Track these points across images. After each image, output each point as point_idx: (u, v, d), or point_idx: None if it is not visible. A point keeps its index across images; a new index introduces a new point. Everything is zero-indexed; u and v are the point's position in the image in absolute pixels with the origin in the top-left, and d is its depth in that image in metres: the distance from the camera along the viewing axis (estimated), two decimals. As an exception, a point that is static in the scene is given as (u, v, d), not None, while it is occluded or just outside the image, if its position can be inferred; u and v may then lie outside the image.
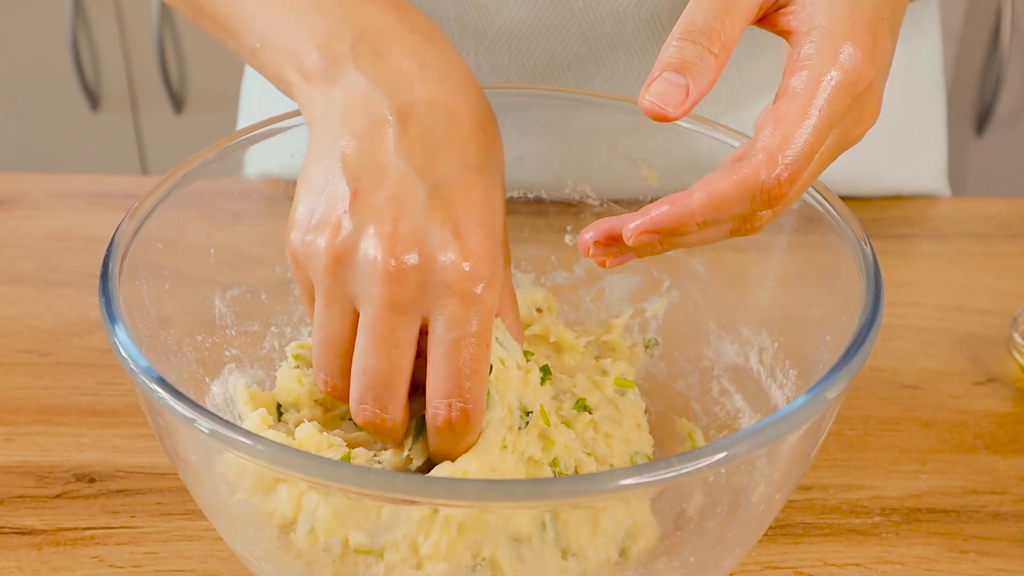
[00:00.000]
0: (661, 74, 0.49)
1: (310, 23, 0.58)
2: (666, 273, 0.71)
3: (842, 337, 0.53)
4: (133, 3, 1.91)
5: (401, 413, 0.55)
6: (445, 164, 0.54)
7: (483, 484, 0.47)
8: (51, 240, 0.89)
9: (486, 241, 0.53)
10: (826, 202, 0.60)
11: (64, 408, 0.73)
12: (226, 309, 0.66)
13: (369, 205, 0.53)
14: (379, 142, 0.54)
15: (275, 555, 0.54)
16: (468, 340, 0.53)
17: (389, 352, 0.53)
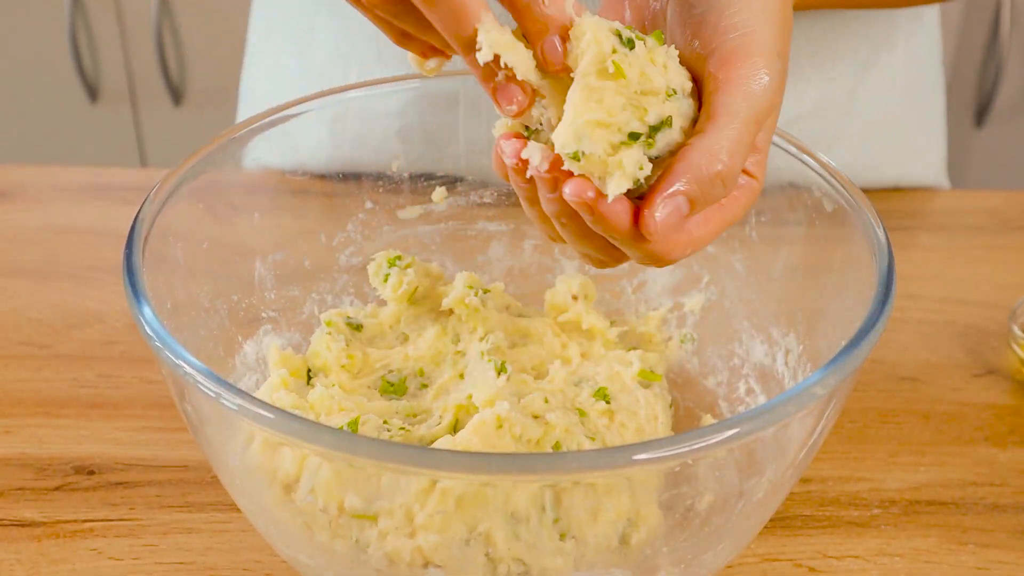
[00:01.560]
0: (675, 198, 0.48)
1: None
2: (706, 269, 0.72)
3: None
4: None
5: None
6: None
7: (475, 456, 0.48)
8: (50, 233, 0.89)
9: None
10: (852, 197, 0.60)
11: (63, 400, 0.73)
12: (266, 272, 0.68)
13: None
14: None
15: (276, 512, 0.55)
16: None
17: None
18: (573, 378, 0.66)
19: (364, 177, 0.74)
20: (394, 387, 0.66)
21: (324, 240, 0.73)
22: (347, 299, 0.73)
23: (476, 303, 0.67)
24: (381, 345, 0.69)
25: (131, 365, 0.76)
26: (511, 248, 0.76)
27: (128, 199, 0.92)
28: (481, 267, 0.76)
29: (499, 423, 0.58)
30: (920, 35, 0.97)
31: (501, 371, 0.63)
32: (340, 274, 0.73)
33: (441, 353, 0.67)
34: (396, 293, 0.69)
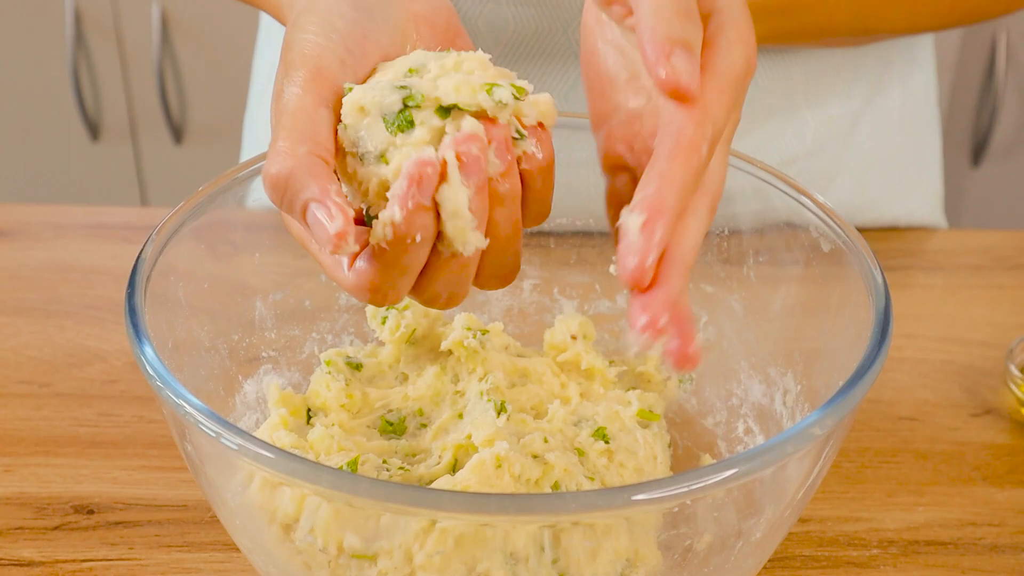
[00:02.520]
0: (674, 49, 0.47)
1: None
2: (705, 309, 0.72)
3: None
4: (134, 34, 1.93)
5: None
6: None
7: (474, 496, 0.48)
8: (52, 272, 0.89)
9: None
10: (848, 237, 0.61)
11: (63, 439, 0.74)
12: (267, 311, 0.69)
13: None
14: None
15: (275, 551, 0.55)
16: None
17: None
18: (572, 418, 0.66)
19: None
20: (393, 427, 0.67)
21: (325, 279, 0.73)
22: (347, 338, 0.74)
23: (475, 345, 0.67)
24: (381, 384, 0.69)
25: (131, 404, 0.76)
26: (510, 288, 0.76)
27: (130, 238, 0.93)
28: (480, 307, 0.76)
29: (498, 463, 0.58)
30: (916, 75, 0.97)
31: (501, 411, 0.63)
32: (340, 313, 0.73)
33: (440, 393, 0.68)
34: (394, 336, 0.69)
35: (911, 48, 0.96)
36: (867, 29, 0.84)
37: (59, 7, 1.89)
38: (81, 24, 1.91)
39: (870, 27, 0.84)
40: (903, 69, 0.95)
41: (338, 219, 0.46)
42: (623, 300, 0.74)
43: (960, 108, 1.99)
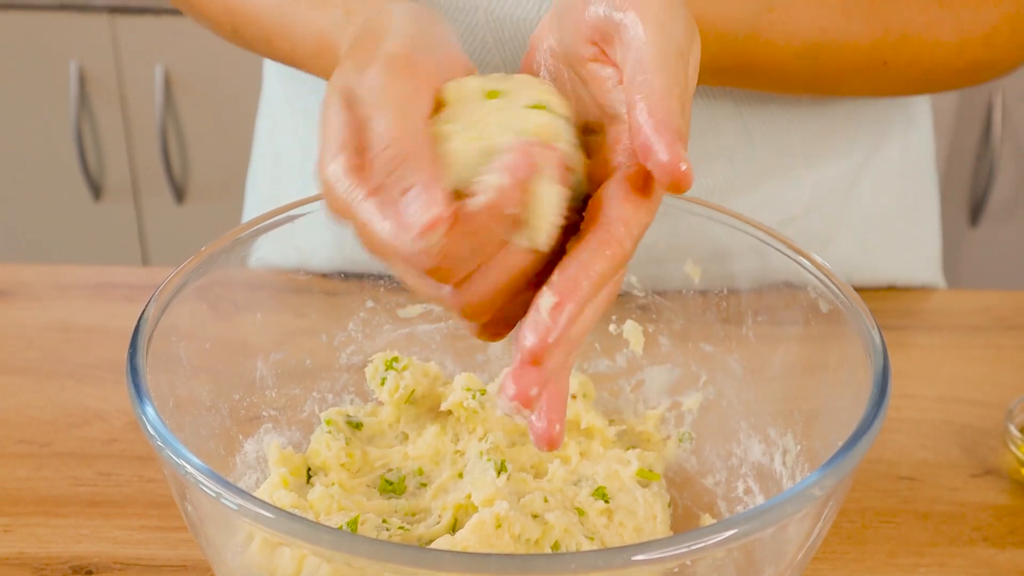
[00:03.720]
0: (678, 140, 0.49)
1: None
2: (704, 368, 0.72)
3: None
4: (137, 94, 1.94)
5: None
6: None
7: (474, 556, 0.48)
8: (53, 331, 0.90)
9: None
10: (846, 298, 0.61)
11: (63, 499, 0.73)
12: (268, 370, 0.69)
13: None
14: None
15: None
16: None
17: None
18: (572, 477, 0.66)
19: (365, 276, 0.75)
20: (393, 486, 0.67)
21: (325, 339, 0.73)
22: (348, 397, 0.74)
23: (474, 406, 0.67)
24: (381, 444, 0.69)
25: (131, 463, 0.76)
26: (510, 347, 0.76)
27: (131, 297, 0.93)
28: (481, 366, 0.76)
29: (498, 523, 0.58)
30: (913, 135, 0.98)
31: (501, 470, 0.63)
32: (341, 373, 0.74)
33: (440, 452, 0.68)
34: (393, 397, 0.69)
35: (908, 109, 0.96)
36: (826, 92, 0.86)
37: (64, 68, 1.91)
38: (85, 84, 1.93)
39: (829, 92, 0.85)
40: (900, 129, 0.96)
41: (436, 207, 0.46)
42: (623, 359, 0.75)
43: (958, 168, 2.00)
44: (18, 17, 1.89)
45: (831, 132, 0.91)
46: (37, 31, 1.90)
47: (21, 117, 1.98)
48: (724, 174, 0.87)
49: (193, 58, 1.92)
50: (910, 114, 0.97)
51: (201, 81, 1.94)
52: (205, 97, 1.95)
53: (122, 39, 1.90)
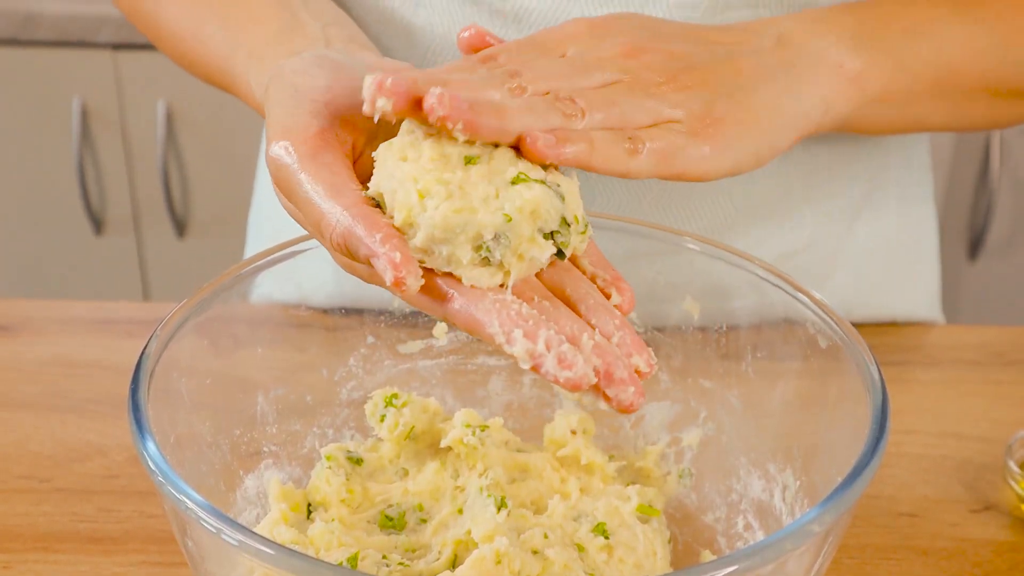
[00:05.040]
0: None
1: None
2: (704, 404, 0.72)
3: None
4: (139, 129, 1.95)
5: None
6: None
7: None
8: (54, 366, 0.90)
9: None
10: (845, 334, 0.62)
11: (62, 535, 0.73)
12: (268, 406, 0.69)
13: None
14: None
15: None
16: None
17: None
18: (572, 513, 0.66)
19: (366, 312, 0.75)
20: (393, 522, 0.67)
21: (326, 374, 0.74)
22: (348, 433, 0.74)
23: (474, 442, 0.67)
24: (381, 479, 0.69)
25: (131, 499, 0.76)
26: (510, 383, 0.77)
27: (133, 333, 0.93)
28: (481, 401, 0.76)
29: (498, 559, 0.58)
30: (912, 171, 0.99)
31: (501, 506, 0.63)
32: (341, 408, 0.74)
33: (440, 488, 0.68)
34: (392, 434, 0.69)
35: (906, 145, 0.97)
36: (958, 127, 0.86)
37: (67, 103, 1.92)
38: (87, 119, 1.94)
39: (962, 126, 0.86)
40: (899, 165, 0.97)
41: (388, 273, 0.50)
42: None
43: (956, 204, 2.01)
44: (22, 53, 1.90)
45: (830, 169, 0.91)
46: (41, 66, 1.91)
47: (24, 151, 1.99)
48: (724, 211, 0.88)
49: (195, 94, 1.93)
50: (908, 150, 0.98)
51: (203, 116, 1.95)
52: (206, 132, 1.96)
53: (125, 75, 1.91)
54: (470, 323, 0.52)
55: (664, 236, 0.70)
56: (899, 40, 0.73)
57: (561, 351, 0.50)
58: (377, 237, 0.51)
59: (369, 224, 0.52)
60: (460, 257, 0.52)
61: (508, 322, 0.51)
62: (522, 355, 0.50)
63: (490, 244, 0.52)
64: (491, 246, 0.52)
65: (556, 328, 0.51)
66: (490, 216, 0.51)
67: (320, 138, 0.56)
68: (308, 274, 0.70)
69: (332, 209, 0.53)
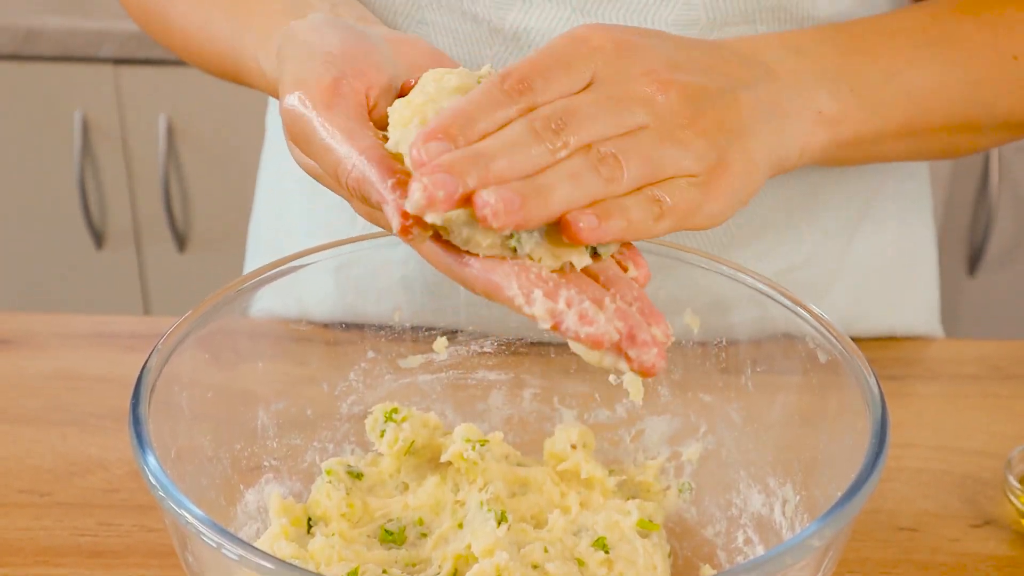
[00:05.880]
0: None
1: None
2: (703, 418, 0.73)
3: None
4: (140, 143, 1.96)
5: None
6: None
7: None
8: (55, 380, 0.90)
9: None
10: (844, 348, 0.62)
11: (63, 549, 0.73)
12: (269, 420, 0.70)
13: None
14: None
15: None
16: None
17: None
18: (572, 527, 0.66)
19: (367, 327, 0.75)
20: (393, 536, 0.67)
21: (327, 388, 0.74)
22: (348, 447, 0.74)
23: (474, 457, 0.67)
24: (381, 494, 0.69)
25: (132, 513, 0.76)
26: (510, 397, 0.77)
27: (133, 346, 0.93)
28: (481, 415, 0.77)
29: (498, 573, 0.58)
30: (910, 186, 0.99)
31: (501, 520, 0.63)
32: (342, 423, 0.74)
33: (441, 502, 0.68)
34: (392, 449, 0.69)
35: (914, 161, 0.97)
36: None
37: (68, 117, 1.93)
38: (89, 133, 1.94)
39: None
40: (897, 180, 0.97)
41: (395, 220, 0.51)
42: (622, 410, 0.75)
43: (955, 218, 2.01)
44: (23, 67, 1.90)
45: (830, 184, 0.91)
46: (42, 81, 1.92)
47: (25, 166, 1.99)
48: (724, 227, 0.88)
49: (196, 108, 1.93)
50: (907, 165, 0.98)
51: (204, 131, 1.95)
52: (208, 146, 1.97)
53: (126, 89, 1.92)
54: (488, 286, 0.52)
55: (664, 251, 0.71)
56: (876, 83, 0.73)
57: (583, 308, 0.50)
58: (389, 183, 0.52)
59: (383, 169, 0.52)
60: (479, 241, 0.51)
61: (527, 283, 0.50)
62: (542, 314, 0.50)
63: (523, 236, 0.51)
64: (523, 238, 0.51)
65: (577, 290, 0.51)
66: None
67: (334, 87, 0.57)
68: (309, 288, 0.70)
69: (349, 153, 0.54)
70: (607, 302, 0.51)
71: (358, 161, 0.53)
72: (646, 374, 0.51)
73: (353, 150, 0.54)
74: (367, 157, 0.53)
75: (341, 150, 0.54)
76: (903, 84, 0.75)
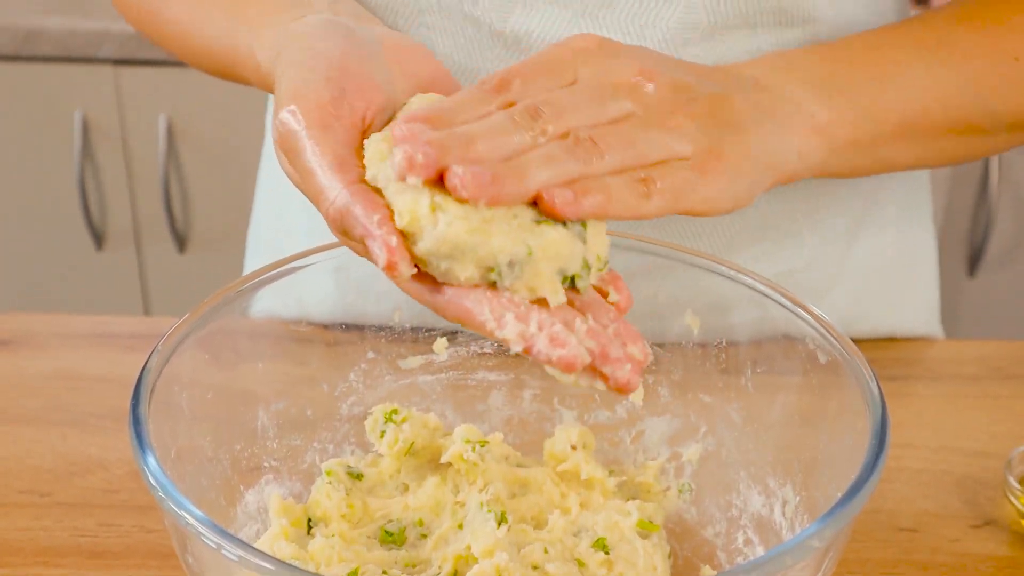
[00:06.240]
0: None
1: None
2: (704, 419, 0.73)
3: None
4: (140, 143, 1.96)
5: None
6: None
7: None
8: (55, 380, 0.90)
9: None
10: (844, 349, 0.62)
11: (63, 549, 0.73)
12: (269, 421, 0.70)
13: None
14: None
15: None
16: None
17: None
18: (572, 528, 0.66)
19: (367, 327, 0.75)
20: (393, 537, 0.67)
21: (327, 389, 0.74)
22: (348, 448, 0.74)
23: (474, 458, 0.67)
24: (381, 494, 0.69)
25: (131, 513, 0.76)
26: (510, 398, 0.77)
27: (133, 347, 0.94)
28: (481, 416, 0.76)
29: (498, 573, 0.58)
30: (911, 188, 0.99)
31: (501, 521, 0.63)
32: (342, 423, 0.74)
33: (441, 503, 0.68)
34: (392, 449, 0.69)
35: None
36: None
37: (68, 117, 1.93)
38: (89, 134, 1.94)
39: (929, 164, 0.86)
40: (898, 181, 0.97)
41: (382, 256, 0.52)
42: (622, 410, 0.75)
43: (955, 219, 2.01)
44: (24, 68, 1.90)
45: (830, 187, 0.91)
46: (42, 82, 1.92)
47: (25, 166, 1.99)
48: (725, 230, 0.88)
49: (196, 108, 1.94)
50: (907, 169, 0.98)
51: (204, 131, 1.95)
52: (208, 147, 1.97)
53: (126, 89, 1.92)
54: (460, 312, 0.52)
55: (664, 251, 0.71)
56: (866, 88, 0.73)
57: (554, 331, 0.50)
58: (375, 219, 0.52)
59: (367, 204, 0.52)
60: (457, 274, 0.52)
61: (499, 308, 0.51)
62: (513, 337, 0.50)
63: (503, 270, 0.52)
64: (504, 271, 0.52)
65: (549, 313, 0.51)
66: (510, 243, 0.51)
67: (332, 107, 0.56)
68: (309, 289, 0.70)
69: (332, 184, 0.54)
70: (578, 323, 0.52)
71: (341, 194, 0.53)
72: (622, 391, 0.51)
73: (337, 182, 0.54)
74: (351, 191, 0.53)
75: (325, 180, 0.54)
76: (897, 88, 0.75)
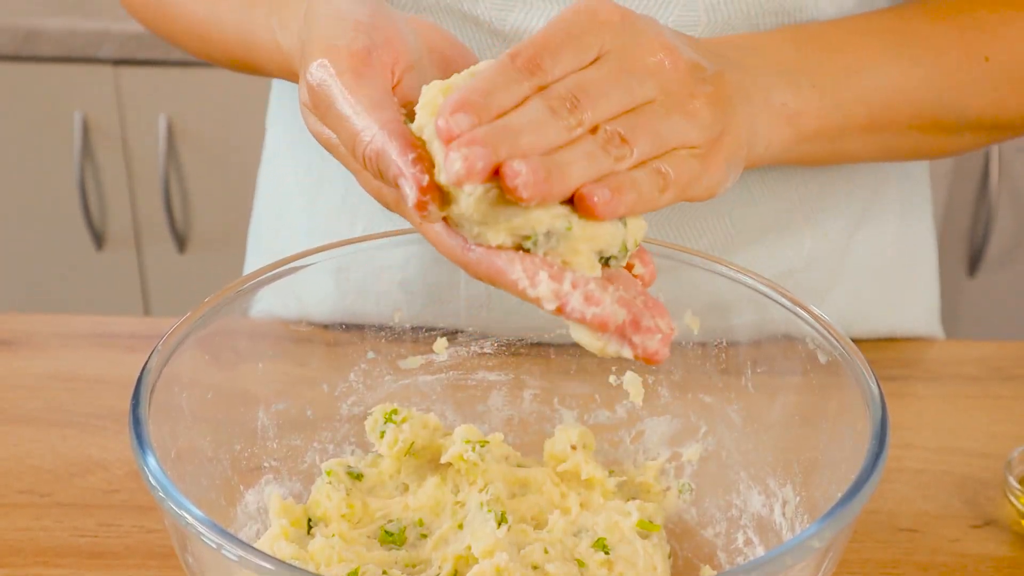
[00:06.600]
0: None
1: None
2: (704, 419, 0.73)
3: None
4: (140, 144, 1.96)
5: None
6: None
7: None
8: (55, 380, 0.90)
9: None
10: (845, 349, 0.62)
11: (63, 550, 0.73)
12: (269, 421, 0.70)
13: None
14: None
15: None
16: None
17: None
18: (572, 528, 0.66)
19: (367, 327, 0.75)
20: (393, 537, 0.67)
21: (327, 389, 0.74)
22: (348, 448, 0.74)
23: (474, 458, 0.67)
24: (381, 494, 0.69)
25: (131, 513, 0.76)
26: (511, 398, 0.77)
27: (133, 347, 0.94)
28: (481, 416, 0.76)
29: (498, 574, 0.58)
30: (910, 187, 0.99)
31: (501, 521, 0.63)
32: (342, 423, 0.74)
33: (441, 503, 0.68)
34: (392, 450, 0.69)
35: (904, 164, 0.97)
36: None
37: (68, 118, 1.93)
38: (89, 134, 1.94)
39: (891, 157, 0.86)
40: (897, 181, 0.97)
41: (413, 194, 0.51)
42: (623, 410, 0.75)
43: (955, 219, 2.01)
44: (24, 68, 1.90)
45: (830, 186, 0.91)
46: (42, 82, 1.92)
47: (25, 166, 1.99)
48: (725, 230, 0.88)
49: (196, 109, 1.94)
50: (906, 166, 0.98)
51: (204, 131, 1.95)
52: (208, 147, 1.97)
53: (126, 90, 1.92)
54: (492, 270, 0.52)
55: (665, 252, 0.71)
56: (837, 78, 0.73)
57: (588, 289, 0.50)
58: (409, 157, 0.51)
59: (403, 143, 0.52)
60: (489, 240, 0.52)
61: (531, 267, 0.51)
62: (547, 294, 0.50)
63: (539, 238, 0.51)
64: (540, 240, 0.51)
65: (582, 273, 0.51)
66: (549, 217, 0.51)
67: (366, 55, 0.56)
68: (309, 289, 0.70)
69: (367, 125, 0.53)
70: (610, 290, 0.51)
71: (378, 133, 0.53)
72: (650, 361, 0.51)
73: (374, 122, 0.53)
74: (387, 131, 0.53)
75: (361, 121, 0.54)
76: (866, 80, 0.75)
